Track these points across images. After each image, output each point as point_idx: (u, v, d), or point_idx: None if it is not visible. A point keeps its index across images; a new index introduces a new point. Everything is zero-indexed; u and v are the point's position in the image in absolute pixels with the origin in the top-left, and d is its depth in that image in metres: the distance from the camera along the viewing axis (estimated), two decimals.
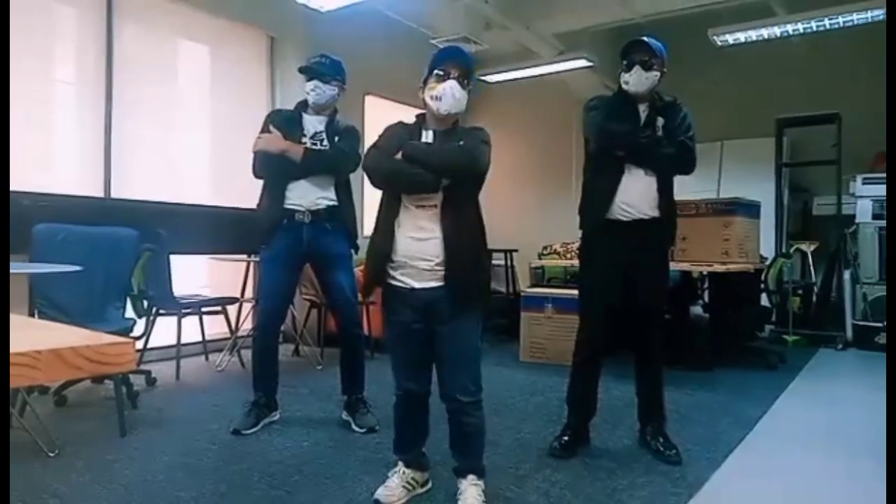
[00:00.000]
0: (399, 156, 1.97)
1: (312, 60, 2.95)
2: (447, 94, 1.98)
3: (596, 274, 2.67)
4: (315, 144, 2.88)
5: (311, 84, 2.90)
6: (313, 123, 2.93)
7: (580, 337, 2.70)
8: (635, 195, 2.55)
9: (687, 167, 2.59)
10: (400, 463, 2.17)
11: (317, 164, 2.85)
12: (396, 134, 2.07)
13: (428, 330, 2.02)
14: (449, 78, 1.98)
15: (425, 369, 2.07)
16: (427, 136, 2.04)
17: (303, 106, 2.98)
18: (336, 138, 2.92)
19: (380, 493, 2.09)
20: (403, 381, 2.09)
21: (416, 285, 1.97)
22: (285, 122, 2.93)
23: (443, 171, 1.95)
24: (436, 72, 2.00)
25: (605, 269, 2.62)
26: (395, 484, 2.11)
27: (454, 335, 2.00)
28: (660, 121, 2.56)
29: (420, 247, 1.96)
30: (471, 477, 2.07)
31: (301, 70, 2.96)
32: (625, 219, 2.55)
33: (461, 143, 1.99)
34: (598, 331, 2.66)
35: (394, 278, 2.01)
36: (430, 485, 2.21)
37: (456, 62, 2.01)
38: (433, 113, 2.03)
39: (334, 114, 3.00)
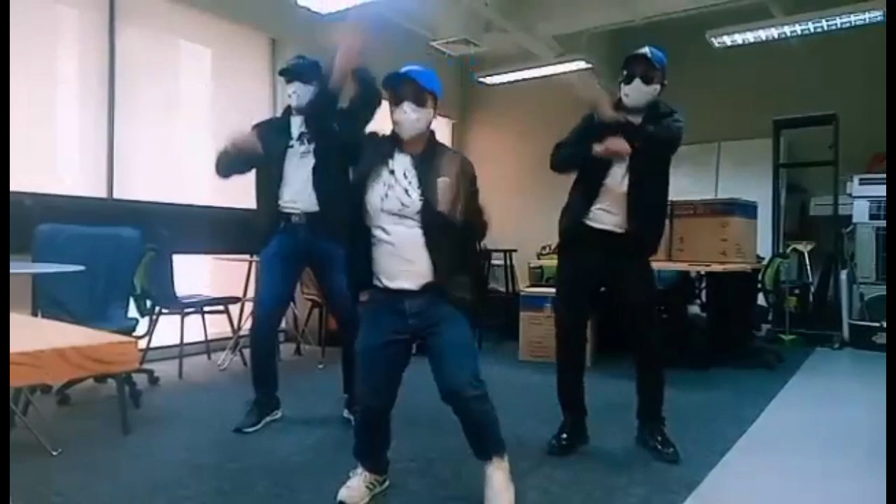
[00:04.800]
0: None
1: (290, 62, 2.95)
2: (403, 120, 2.01)
3: (567, 277, 2.72)
4: (302, 144, 2.88)
5: (291, 86, 2.89)
6: (297, 125, 2.92)
7: (556, 338, 2.77)
8: (612, 208, 2.57)
9: (668, 146, 2.55)
10: (360, 466, 2.18)
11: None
12: (369, 150, 2.10)
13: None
14: (402, 101, 2.01)
15: (393, 385, 2.09)
16: (402, 162, 2.04)
17: (290, 110, 2.98)
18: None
19: (342, 493, 2.10)
20: (366, 397, 2.11)
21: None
22: (273, 130, 2.94)
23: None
24: (391, 99, 2.04)
25: (577, 271, 2.67)
26: (357, 484, 2.13)
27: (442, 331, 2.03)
28: (650, 129, 2.54)
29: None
30: (495, 459, 2.06)
31: (281, 73, 2.97)
32: (597, 226, 2.59)
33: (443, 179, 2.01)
34: (571, 330, 2.71)
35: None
36: (388, 483, 2.23)
37: (402, 84, 2.02)
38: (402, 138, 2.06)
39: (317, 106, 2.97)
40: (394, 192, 2.01)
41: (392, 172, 2.04)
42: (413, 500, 2.19)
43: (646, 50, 2.55)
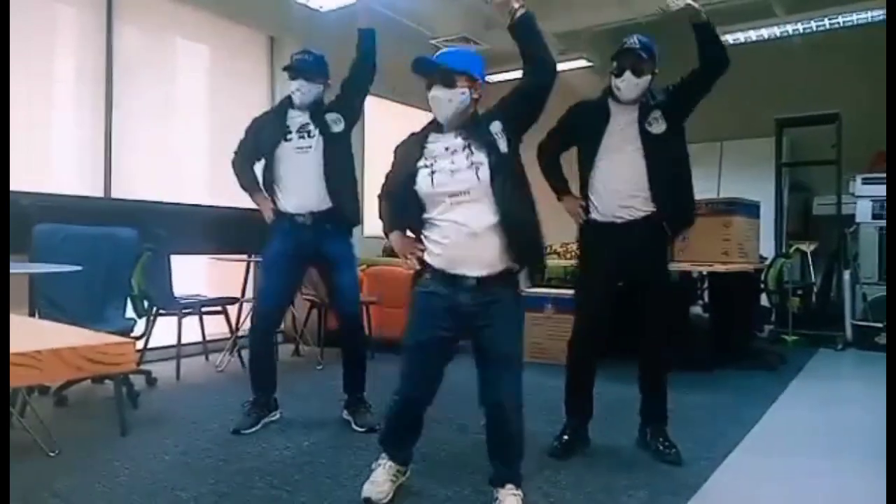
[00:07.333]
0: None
1: (295, 58, 2.90)
2: (435, 103, 2.02)
3: (590, 272, 2.67)
4: (303, 137, 2.86)
5: (296, 83, 2.86)
6: (299, 117, 2.90)
7: (571, 341, 2.72)
8: (614, 196, 2.54)
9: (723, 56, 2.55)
10: (384, 455, 2.15)
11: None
12: (405, 153, 2.10)
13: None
14: (432, 85, 2.01)
15: (438, 379, 2.08)
16: (445, 141, 2.03)
17: (289, 101, 2.95)
18: (328, 114, 2.89)
19: (368, 489, 2.08)
20: (408, 389, 2.08)
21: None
22: (268, 124, 2.94)
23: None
24: (425, 84, 2.03)
25: (600, 272, 2.62)
26: (382, 479, 2.11)
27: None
28: (655, 113, 2.53)
29: None
30: (509, 486, 2.02)
31: (285, 69, 2.93)
32: (619, 221, 2.54)
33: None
34: (591, 335, 2.66)
35: None
36: (408, 473, 2.22)
37: (428, 70, 2.02)
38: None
39: (320, 103, 2.95)
40: (441, 171, 1.97)
41: (428, 152, 2.02)
42: (416, 500, 2.16)
43: (634, 42, 2.52)
